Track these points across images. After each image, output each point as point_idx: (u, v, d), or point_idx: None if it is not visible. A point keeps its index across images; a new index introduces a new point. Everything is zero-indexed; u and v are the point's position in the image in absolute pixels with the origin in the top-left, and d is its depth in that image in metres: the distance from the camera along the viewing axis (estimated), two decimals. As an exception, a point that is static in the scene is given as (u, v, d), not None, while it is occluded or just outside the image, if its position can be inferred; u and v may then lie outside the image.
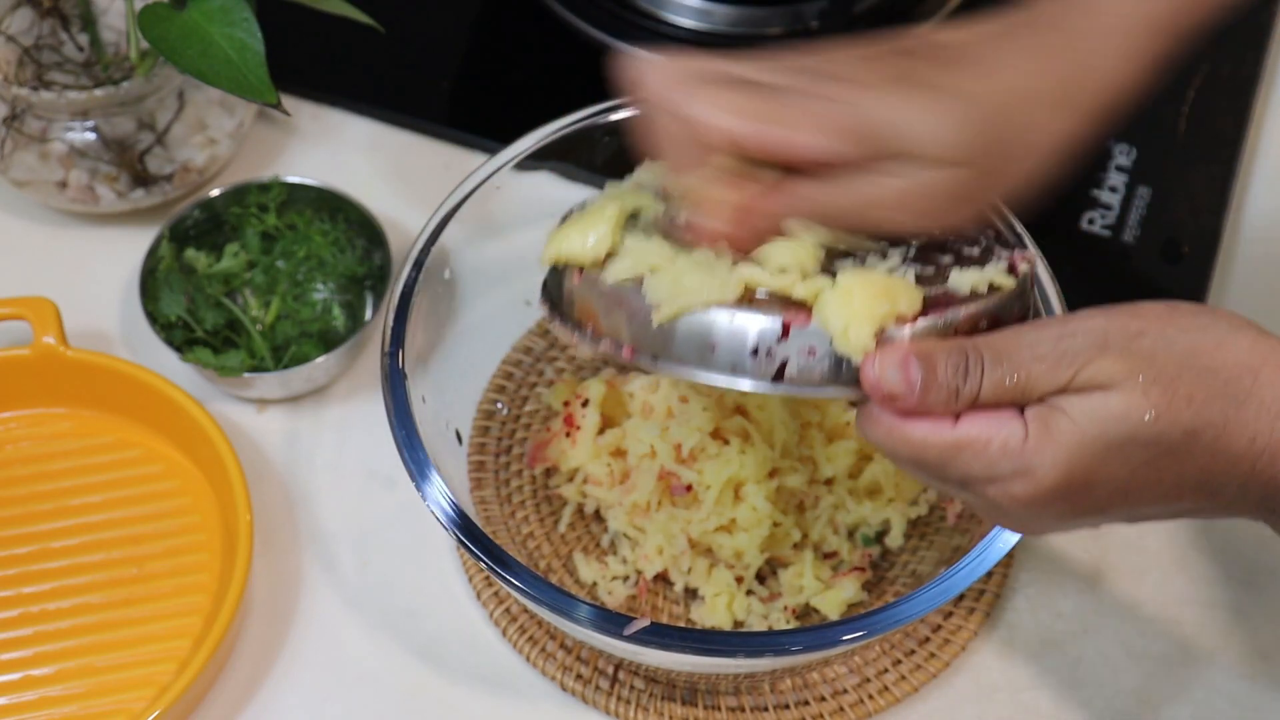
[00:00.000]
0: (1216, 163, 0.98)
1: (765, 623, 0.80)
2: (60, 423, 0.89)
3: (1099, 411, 0.58)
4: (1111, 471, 0.59)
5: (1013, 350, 0.60)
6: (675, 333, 0.63)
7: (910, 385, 0.59)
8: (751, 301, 0.62)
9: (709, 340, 0.62)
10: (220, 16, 0.81)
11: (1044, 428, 0.59)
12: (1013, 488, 0.59)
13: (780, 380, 0.62)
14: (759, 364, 0.62)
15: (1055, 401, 0.59)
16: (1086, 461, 0.58)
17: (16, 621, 0.82)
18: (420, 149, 1.01)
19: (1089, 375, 0.58)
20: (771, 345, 0.62)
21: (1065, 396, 0.59)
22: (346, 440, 0.89)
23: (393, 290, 0.78)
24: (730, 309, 0.62)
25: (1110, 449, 0.58)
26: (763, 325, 0.62)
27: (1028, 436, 0.59)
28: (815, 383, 0.62)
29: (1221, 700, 0.80)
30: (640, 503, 0.80)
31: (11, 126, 0.93)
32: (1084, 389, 0.58)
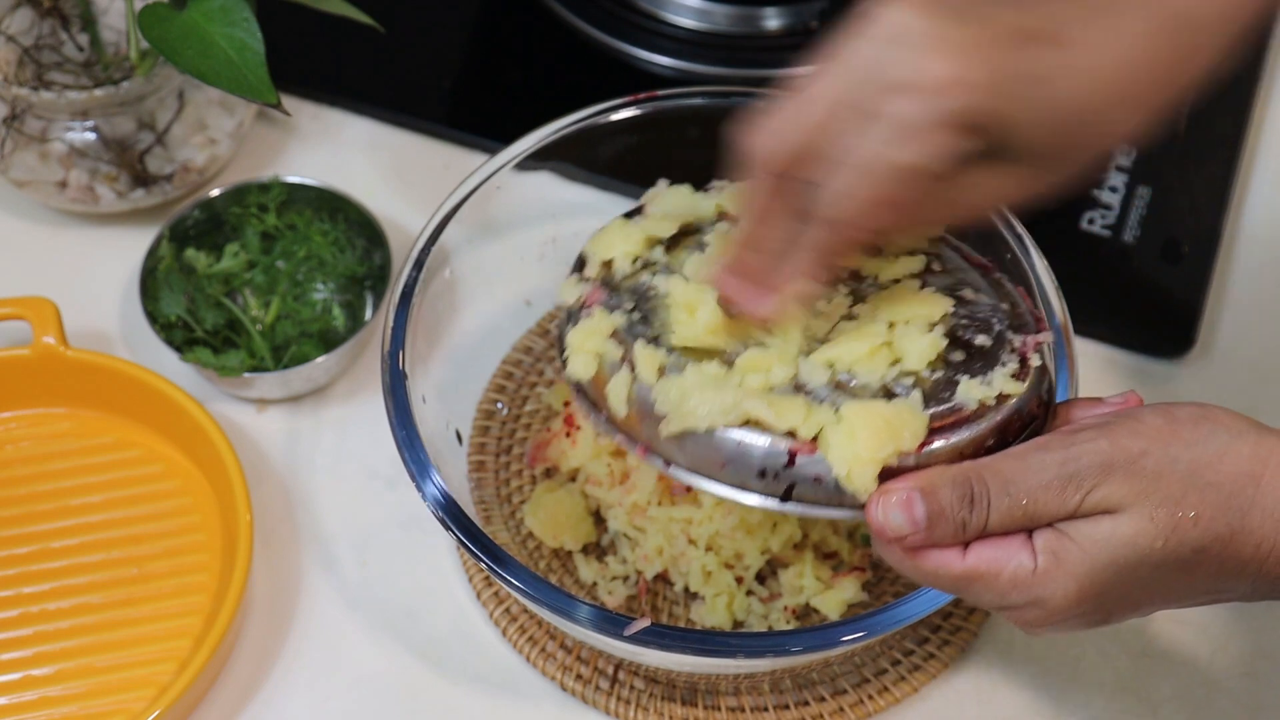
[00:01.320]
0: (1216, 163, 0.98)
1: (765, 623, 0.80)
2: (60, 423, 0.89)
3: (1109, 538, 0.59)
4: (1123, 590, 0.61)
5: (1018, 477, 0.60)
6: (686, 443, 0.64)
7: (915, 524, 0.60)
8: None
9: (718, 457, 0.64)
10: (220, 16, 0.81)
11: (1054, 558, 0.60)
12: (1025, 615, 0.61)
13: (789, 500, 0.63)
14: (767, 484, 0.63)
15: (1064, 528, 0.60)
16: (1098, 585, 0.60)
17: (16, 621, 0.82)
18: (420, 149, 1.01)
19: (1096, 500, 0.59)
20: (779, 470, 0.63)
21: (1073, 523, 0.60)
22: (346, 440, 0.89)
23: (393, 290, 0.78)
24: (738, 430, 0.63)
25: (1121, 572, 0.60)
26: (768, 450, 0.63)
27: (1036, 567, 0.60)
28: (823, 505, 0.63)
29: (1221, 700, 0.80)
30: (640, 503, 0.80)
31: (11, 126, 0.93)
32: (1091, 514, 0.60)
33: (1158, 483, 0.59)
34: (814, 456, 0.63)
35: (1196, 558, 0.60)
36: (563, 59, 1.04)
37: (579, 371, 0.68)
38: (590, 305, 0.69)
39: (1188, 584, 0.61)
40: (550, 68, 1.04)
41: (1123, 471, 0.59)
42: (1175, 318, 0.92)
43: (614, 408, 0.66)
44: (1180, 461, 0.60)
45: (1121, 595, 0.61)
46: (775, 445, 0.63)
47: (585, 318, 0.69)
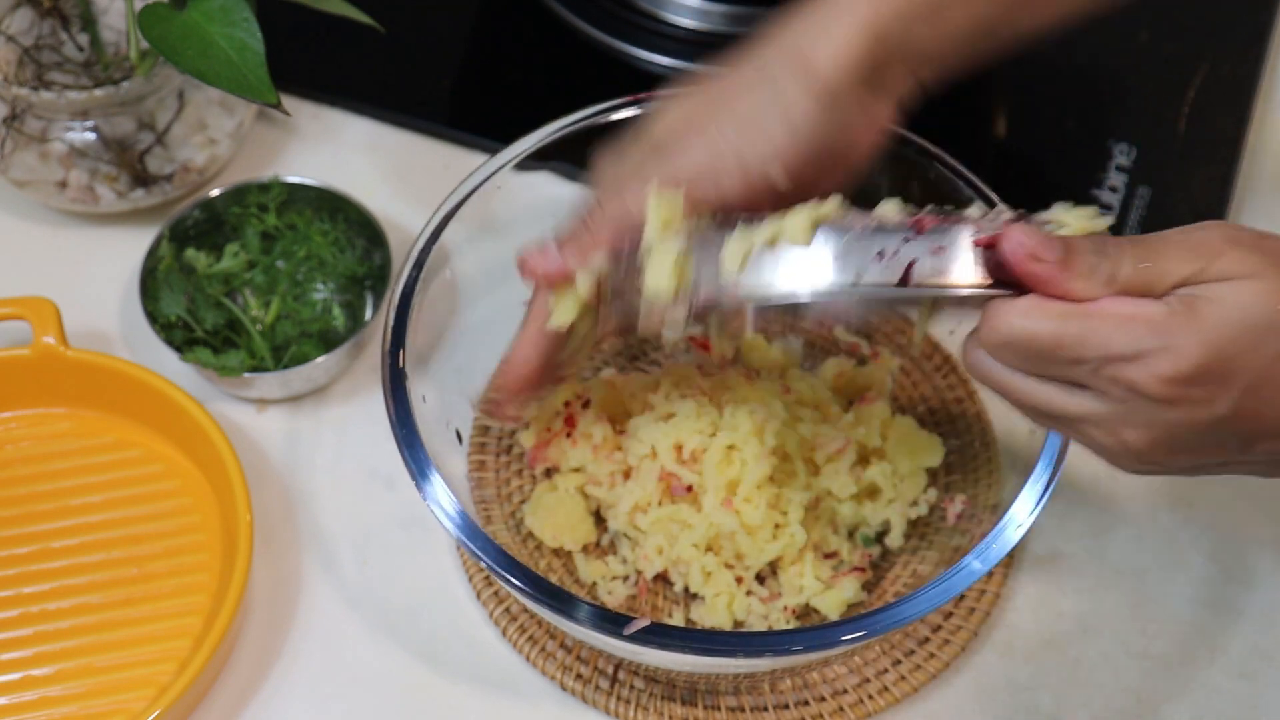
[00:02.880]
0: (1216, 163, 0.98)
1: (765, 623, 0.80)
2: (60, 423, 0.89)
3: (1239, 295, 0.59)
4: (1250, 360, 0.59)
5: (1145, 241, 0.60)
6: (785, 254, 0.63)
7: (1053, 249, 0.60)
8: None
9: (832, 251, 0.62)
10: (220, 16, 0.81)
11: (1187, 306, 0.59)
12: (1158, 364, 0.59)
13: (906, 283, 0.62)
14: (885, 267, 0.62)
15: (1194, 288, 0.60)
16: (1228, 342, 0.59)
17: (16, 621, 0.82)
18: (420, 149, 1.01)
19: (1222, 266, 0.59)
20: (899, 246, 0.62)
21: (1201, 285, 0.60)
22: (346, 440, 0.89)
23: (393, 290, 0.78)
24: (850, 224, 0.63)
25: (1250, 332, 0.59)
26: (893, 224, 0.62)
27: (1172, 312, 0.59)
28: (944, 281, 0.62)
29: (1221, 700, 0.80)
30: (640, 502, 0.80)
31: (11, 126, 0.93)
32: (1219, 279, 0.59)
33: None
34: (940, 226, 0.62)
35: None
36: (563, 59, 1.04)
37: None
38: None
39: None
40: (550, 68, 1.04)
41: (1248, 244, 0.60)
42: (1175, 318, 0.92)
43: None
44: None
45: (1247, 368, 0.59)
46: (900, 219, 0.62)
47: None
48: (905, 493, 0.82)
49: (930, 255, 0.62)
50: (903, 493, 0.82)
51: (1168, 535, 0.85)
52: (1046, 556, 0.84)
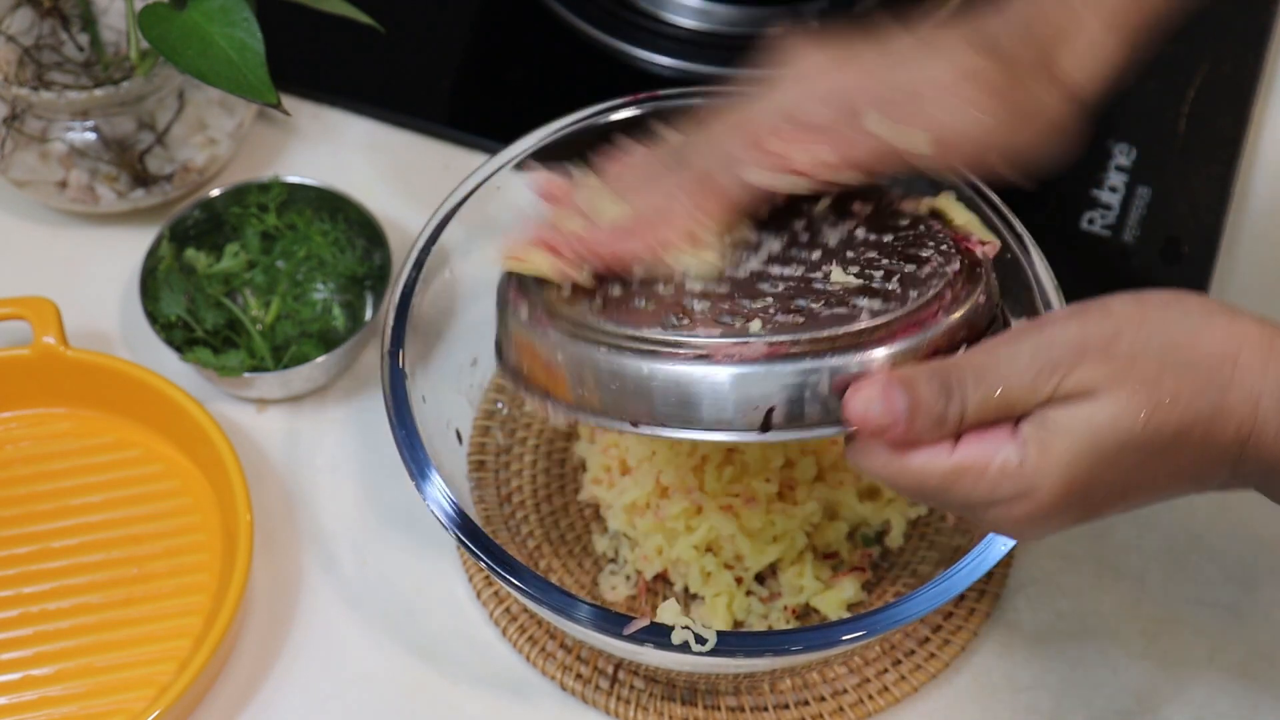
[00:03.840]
0: (1216, 163, 0.98)
1: (765, 623, 0.80)
2: (60, 423, 0.89)
3: (1089, 423, 0.58)
4: (1108, 478, 0.59)
5: (992, 366, 0.60)
6: (653, 393, 0.62)
7: (895, 415, 0.59)
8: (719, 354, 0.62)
9: (689, 397, 0.62)
10: (220, 16, 0.81)
11: (1040, 448, 0.59)
12: (1015, 509, 0.60)
13: (768, 430, 0.62)
14: (745, 416, 0.62)
15: (1044, 416, 0.59)
16: (1084, 473, 0.59)
17: (16, 621, 0.82)
18: (420, 149, 1.01)
19: (1073, 384, 0.58)
20: (758, 385, 0.62)
21: (1053, 410, 0.59)
22: (346, 440, 0.89)
23: (393, 290, 0.78)
24: (707, 364, 0.62)
25: (1105, 458, 0.59)
26: (743, 379, 0.62)
27: (1024, 459, 0.59)
28: (803, 426, 0.62)
29: (1222, 700, 0.80)
30: (639, 502, 0.80)
31: (11, 126, 0.93)
32: (1070, 397, 0.58)
33: (1133, 364, 0.58)
34: (794, 365, 0.61)
35: (1178, 441, 0.59)
36: (563, 59, 1.04)
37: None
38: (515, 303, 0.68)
39: (1171, 471, 0.60)
40: (550, 68, 1.04)
41: (1096, 354, 0.58)
42: (1175, 318, 0.92)
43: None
44: (1154, 342, 0.59)
45: (1107, 485, 0.60)
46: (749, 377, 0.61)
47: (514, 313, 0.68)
48: (905, 493, 0.82)
49: (786, 402, 0.61)
50: (903, 493, 0.82)
51: (1168, 535, 0.85)
52: (1046, 556, 0.84)
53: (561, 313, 0.65)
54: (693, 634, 0.67)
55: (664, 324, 0.63)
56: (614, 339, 0.63)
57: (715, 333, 0.62)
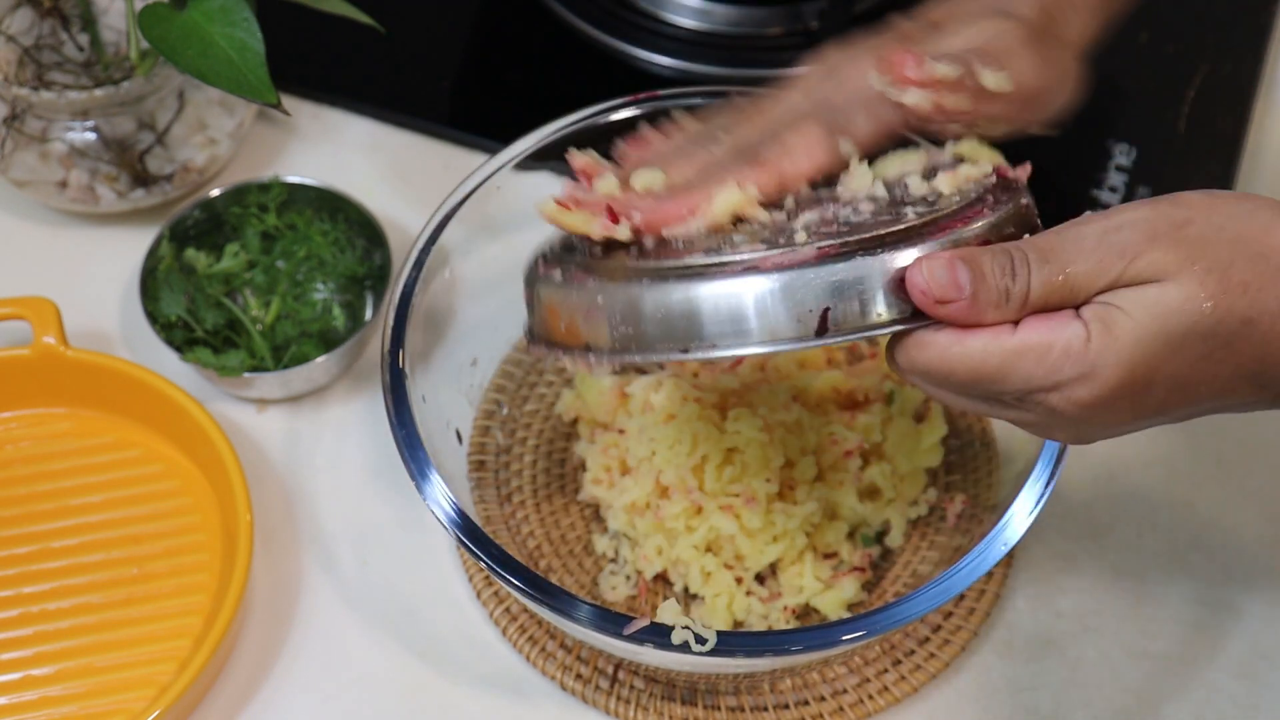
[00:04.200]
0: (1216, 163, 0.98)
1: (765, 623, 0.80)
2: (60, 423, 0.89)
3: (1157, 305, 0.57)
4: (1171, 368, 0.58)
5: (1058, 247, 0.59)
6: (702, 314, 0.60)
7: (959, 287, 0.58)
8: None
9: (739, 311, 0.60)
10: (220, 16, 0.81)
11: (1104, 327, 0.58)
12: (1077, 392, 0.58)
13: (824, 334, 0.60)
14: (800, 322, 0.60)
15: (1110, 298, 0.58)
16: (1148, 358, 0.58)
17: (16, 621, 0.82)
18: (420, 149, 1.01)
19: (1141, 268, 0.58)
20: (811, 284, 0.60)
21: (1119, 292, 0.58)
22: (346, 440, 0.89)
23: (393, 290, 0.78)
24: (756, 274, 0.60)
25: (1170, 343, 0.58)
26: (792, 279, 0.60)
27: (1090, 337, 0.58)
28: (861, 324, 0.60)
29: (1221, 700, 0.80)
30: (638, 502, 0.80)
31: (12, 126, 0.93)
32: (1137, 282, 0.58)
33: (1204, 249, 0.57)
34: (851, 254, 0.59)
35: (1244, 330, 0.58)
36: (563, 59, 1.04)
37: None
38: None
39: (1235, 365, 0.58)
40: (550, 68, 1.04)
41: (1167, 239, 0.57)
42: (1175, 318, 0.92)
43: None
44: (1226, 231, 0.58)
45: (1170, 376, 0.58)
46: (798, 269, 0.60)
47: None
48: (905, 493, 0.82)
49: (842, 299, 0.59)
50: (903, 493, 0.82)
51: (1168, 535, 0.85)
52: (1046, 556, 0.84)
53: (598, 267, 0.63)
54: (693, 634, 0.67)
55: (707, 250, 0.62)
56: (656, 272, 0.61)
57: (760, 248, 0.61)
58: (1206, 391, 0.60)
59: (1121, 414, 0.60)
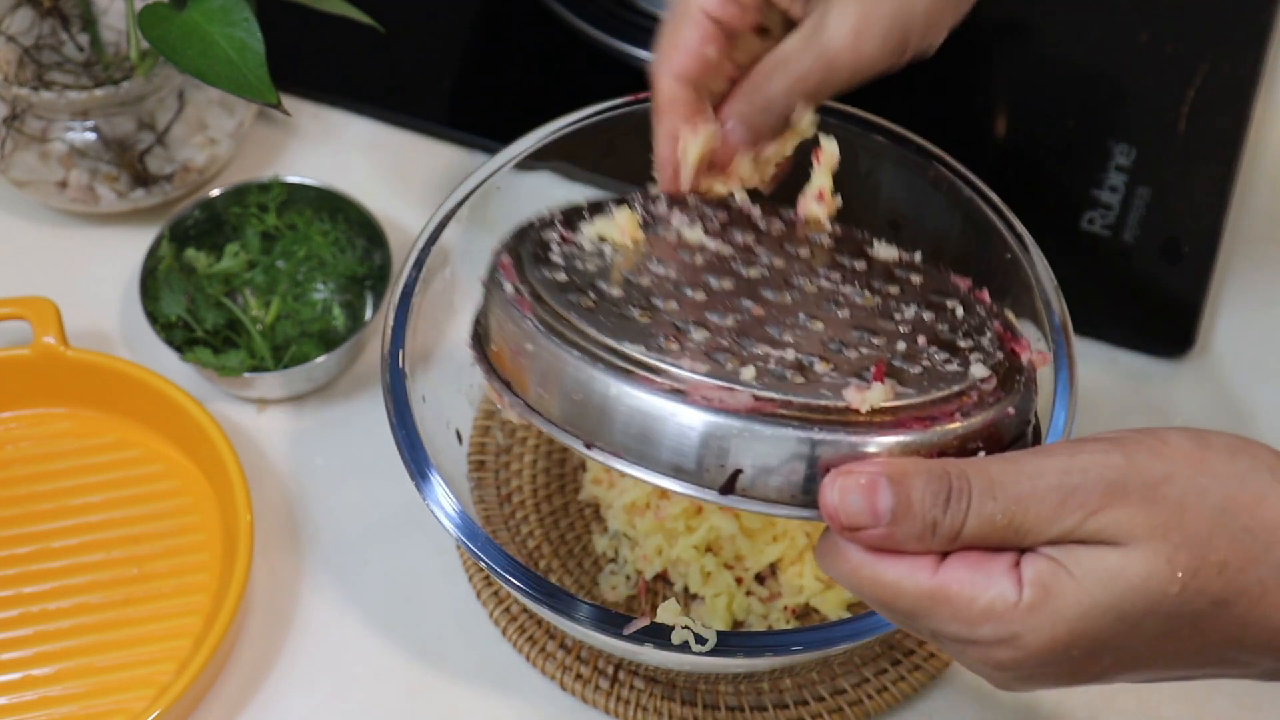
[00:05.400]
0: (1216, 163, 0.98)
1: (765, 623, 0.80)
2: (60, 423, 0.89)
3: (1114, 576, 0.50)
4: (1121, 642, 0.51)
5: (1008, 481, 0.51)
6: (615, 417, 0.56)
7: (877, 516, 0.51)
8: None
9: (651, 432, 0.56)
10: (220, 16, 0.81)
11: (1043, 591, 0.50)
12: (994, 654, 0.52)
13: (729, 493, 0.55)
14: (707, 471, 0.55)
15: (1061, 555, 0.50)
16: (1093, 632, 0.51)
17: (16, 621, 0.82)
18: (420, 149, 1.01)
19: (1101, 525, 0.50)
20: (728, 441, 0.55)
21: (1072, 549, 0.50)
22: (346, 440, 0.89)
23: (393, 290, 0.78)
24: (680, 401, 0.55)
25: (1123, 620, 0.50)
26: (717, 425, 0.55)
27: (1020, 601, 0.50)
28: (770, 500, 0.55)
29: (1221, 700, 0.80)
30: (639, 503, 0.80)
31: (11, 126, 0.93)
32: (1094, 540, 0.50)
33: (1181, 516, 0.50)
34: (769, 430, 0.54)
35: (1215, 613, 0.50)
36: (563, 59, 1.04)
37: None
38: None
39: (1200, 645, 0.51)
40: (550, 68, 1.04)
41: (1138, 496, 0.50)
42: (1175, 318, 0.92)
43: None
44: (1210, 495, 0.50)
45: (1117, 650, 0.51)
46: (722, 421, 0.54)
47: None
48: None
49: (757, 467, 0.54)
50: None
51: (1168, 535, 0.85)
52: (1046, 556, 0.84)
53: (547, 301, 0.60)
54: (693, 634, 0.66)
55: (649, 343, 0.57)
56: (590, 345, 0.58)
57: (701, 369, 0.56)
58: (1164, 665, 0.53)
59: (1053, 678, 0.53)
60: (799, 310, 0.61)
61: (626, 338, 0.58)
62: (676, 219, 0.68)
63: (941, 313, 0.63)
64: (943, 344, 0.60)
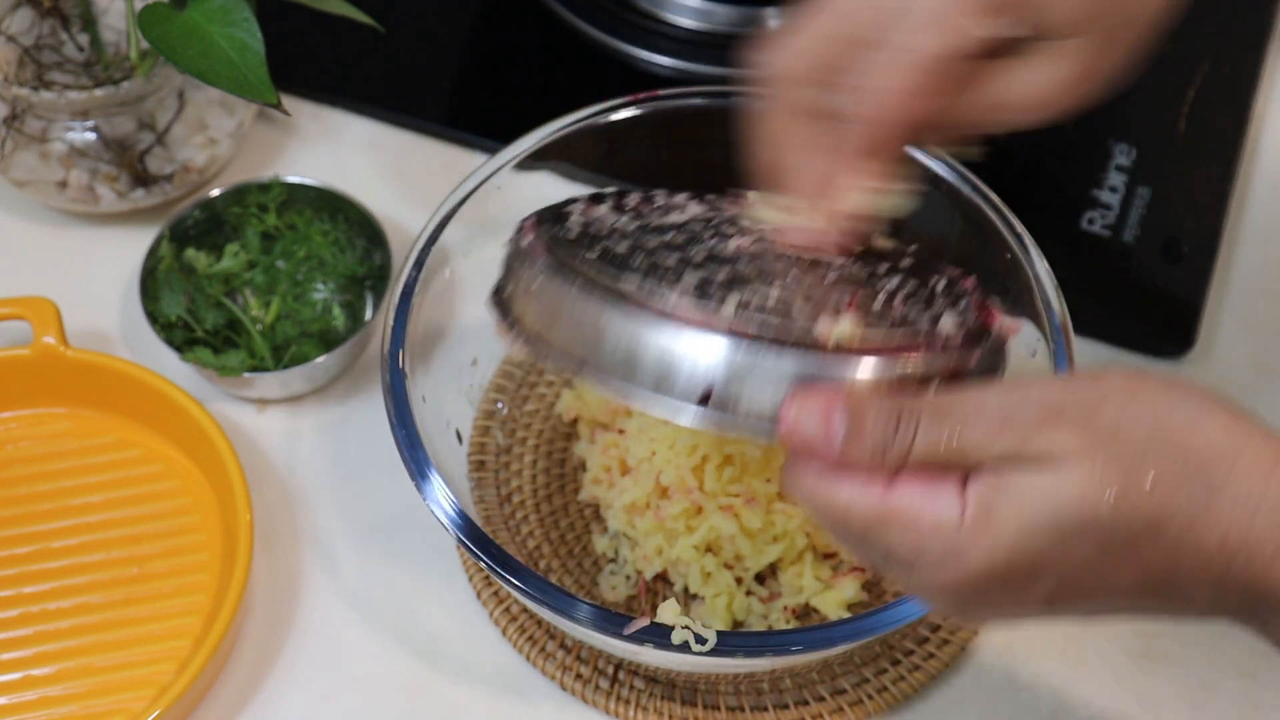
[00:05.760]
0: (1216, 163, 0.98)
1: (765, 623, 0.80)
2: (60, 423, 0.89)
3: (1049, 491, 0.51)
4: (1060, 561, 0.52)
5: (953, 409, 0.53)
6: (604, 339, 0.61)
7: (830, 437, 0.54)
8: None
9: (635, 351, 0.60)
10: (220, 16, 0.81)
11: (983, 510, 0.52)
12: (938, 576, 0.53)
13: (704, 404, 0.59)
14: (682, 384, 0.59)
15: (999, 477, 0.52)
16: (1031, 550, 0.52)
17: (16, 621, 0.82)
18: (420, 149, 1.01)
19: (1039, 445, 0.52)
20: (708, 360, 0.59)
21: (1010, 469, 0.52)
22: (346, 440, 0.89)
23: (393, 290, 0.78)
24: (663, 323, 0.60)
25: (1059, 535, 0.52)
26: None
27: (964, 520, 0.52)
28: (737, 417, 0.58)
29: (1222, 700, 0.80)
30: (638, 502, 0.80)
31: (11, 126, 0.93)
32: (1032, 460, 0.52)
33: (1114, 436, 0.51)
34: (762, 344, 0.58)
35: (1150, 534, 0.51)
36: (563, 59, 1.04)
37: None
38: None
39: (1139, 570, 0.52)
40: (550, 68, 1.04)
41: (1073, 419, 0.52)
42: (1175, 318, 0.92)
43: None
44: (1142, 420, 0.52)
45: (1059, 572, 0.52)
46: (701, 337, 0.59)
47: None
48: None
49: (726, 382, 0.58)
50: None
51: (1168, 535, 0.85)
52: (1046, 556, 0.84)
53: (559, 247, 0.65)
54: (693, 634, 0.67)
55: (643, 278, 0.61)
56: (591, 279, 0.62)
57: (687, 300, 0.60)
58: (1105, 592, 0.53)
59: (999, 601, 0.54)
60: (790, 270, 0.65)
61: (624, 272, 0.62)
62: (679, 198, 0.73)
63: (924, 285, 0.66)
64: (918, 302, 0.64)
